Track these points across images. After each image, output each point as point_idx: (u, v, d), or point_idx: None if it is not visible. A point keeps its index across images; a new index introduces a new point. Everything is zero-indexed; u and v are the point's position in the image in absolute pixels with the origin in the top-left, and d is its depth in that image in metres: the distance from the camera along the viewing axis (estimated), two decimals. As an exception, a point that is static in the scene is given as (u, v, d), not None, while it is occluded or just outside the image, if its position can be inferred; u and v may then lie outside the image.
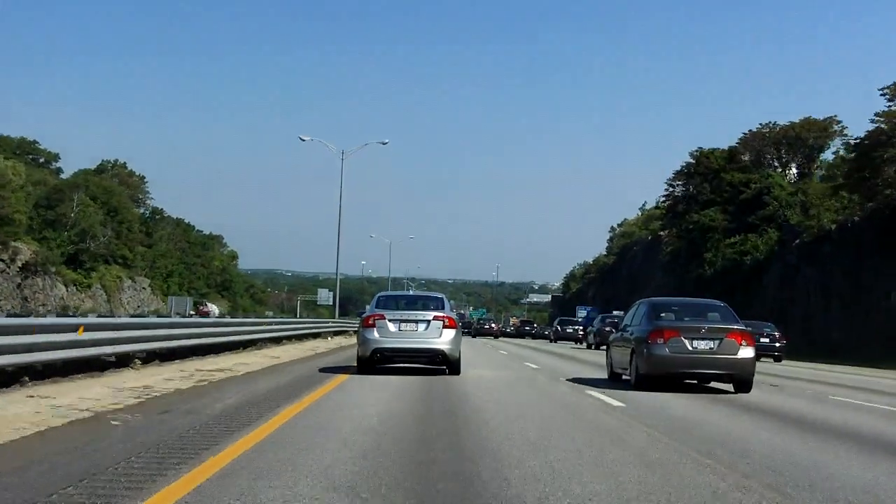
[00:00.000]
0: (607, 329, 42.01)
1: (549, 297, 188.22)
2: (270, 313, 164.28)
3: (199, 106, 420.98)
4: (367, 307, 19.64)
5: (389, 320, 17.21)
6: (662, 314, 15.96)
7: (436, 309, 17.78)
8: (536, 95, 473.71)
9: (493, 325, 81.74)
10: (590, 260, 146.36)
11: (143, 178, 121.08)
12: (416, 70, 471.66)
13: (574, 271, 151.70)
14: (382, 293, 20.80)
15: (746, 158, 77.15)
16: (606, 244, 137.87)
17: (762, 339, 35.14)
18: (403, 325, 17.26)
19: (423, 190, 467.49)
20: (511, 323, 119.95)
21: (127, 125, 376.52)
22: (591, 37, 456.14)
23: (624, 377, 16.63)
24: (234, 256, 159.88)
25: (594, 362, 26.67)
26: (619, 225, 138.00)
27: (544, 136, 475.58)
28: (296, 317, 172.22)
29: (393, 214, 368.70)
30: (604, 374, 18.70)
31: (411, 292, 37.96)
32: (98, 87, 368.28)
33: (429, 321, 17.20)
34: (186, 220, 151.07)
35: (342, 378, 16.27)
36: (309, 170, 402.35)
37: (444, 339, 17.13)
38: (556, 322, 69.27)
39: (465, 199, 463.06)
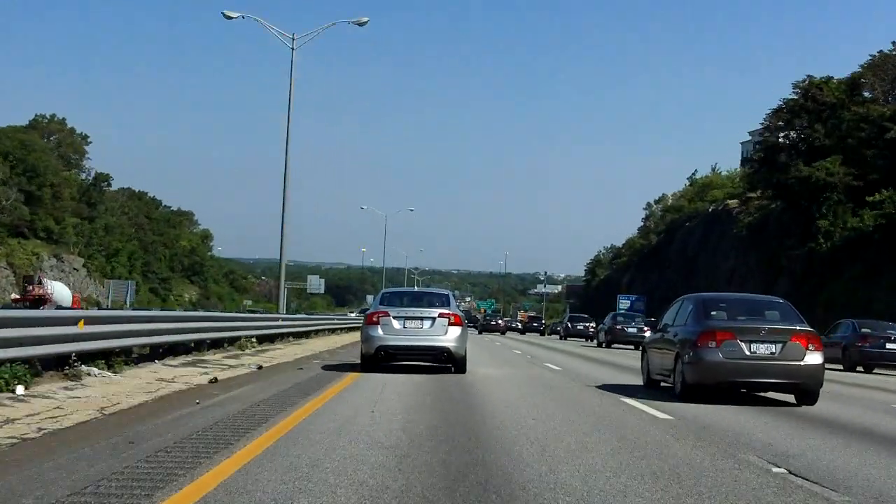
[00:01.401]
0: (618, 327, 41.01)
1: (560, 287, 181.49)
2: (249, 302, 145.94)
3: (193, 97, 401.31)
4: (372, 302, 20.23)
5: (394, 317, 16.84)
6: (713, 312, 13.75)
7: (441, 306, 17.42)
8: (542, 79, 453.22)
9: (499, 322, 75.26)
10: (618, 244, 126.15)
11: (86, 136, 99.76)
12: (416, 53, 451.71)
13: (599, 256, 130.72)
14: (387, 289, 21.20)
15: (870, 94, 56.03)
16: (641, 224, 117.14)
17: (888, 346, 28.38)
18: (408, 322, 16.90)
19: (427, 180, 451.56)
20: (519, 317, 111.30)
21: (126, 111, 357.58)
22: None
23: (663, 384, 14.83)
24: (206, 236, 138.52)
25: (618, 364, 24.52)
26: (656, 201, 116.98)
27: (548, 120, 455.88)
28: (278, 308, 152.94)
29: (396, 204, 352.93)
30: (634, 379, 16.94)
31: (416, 288, 34.28)
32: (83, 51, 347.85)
33: (434, 318, 16.90)
34: (151, 195, 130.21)
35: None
36: (312, 157, 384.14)
37: (449, 337, 16.79)
38: (566, 318, 64.57)
39: (469, 190, 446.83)
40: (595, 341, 47.04)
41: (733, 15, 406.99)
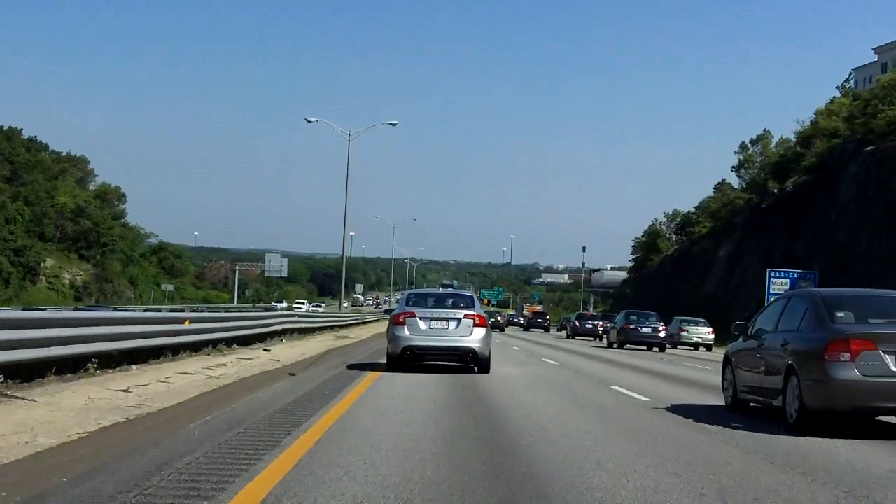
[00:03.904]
0: (631, 327, 39.62)
1: (565, 277, 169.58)
2: (170, 288, 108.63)
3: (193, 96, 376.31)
4: (397, 305, 20.94)
5: (420, 318, 17.40)
6: (839, 313, 10.45)
7: (466, 307, 18.06)
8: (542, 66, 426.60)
9: (498, 318, 72.03)
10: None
11: None
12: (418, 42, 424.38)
13: (656, 227, 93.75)
14: (412, 291, 22.69)
15: None
16: (732, 172, 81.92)
17: None
18: (434, 323, 17.47)
19: (423, 169, 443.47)
20: (525, 311, 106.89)
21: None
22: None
23: (753, 405, 12.04)
24: (105, 193, 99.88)
25: (659, 373, 21.77)
26: (753, 141, 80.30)
27: (548, 115, 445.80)
28: (232, 300, 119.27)
29: (392, 193, 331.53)
30: (703, 396, 14.57)
31: (441, 290, 32.61)
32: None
33: (459, 319, 17.45)
34: (38, 138, 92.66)
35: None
36: (316, 154, 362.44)
37: (474, 338, 17.36)
38: (574, 317, 64.00)
39: (468, 181, 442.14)
40: (605, 340, 46.11)
41: (734, 9, 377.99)
